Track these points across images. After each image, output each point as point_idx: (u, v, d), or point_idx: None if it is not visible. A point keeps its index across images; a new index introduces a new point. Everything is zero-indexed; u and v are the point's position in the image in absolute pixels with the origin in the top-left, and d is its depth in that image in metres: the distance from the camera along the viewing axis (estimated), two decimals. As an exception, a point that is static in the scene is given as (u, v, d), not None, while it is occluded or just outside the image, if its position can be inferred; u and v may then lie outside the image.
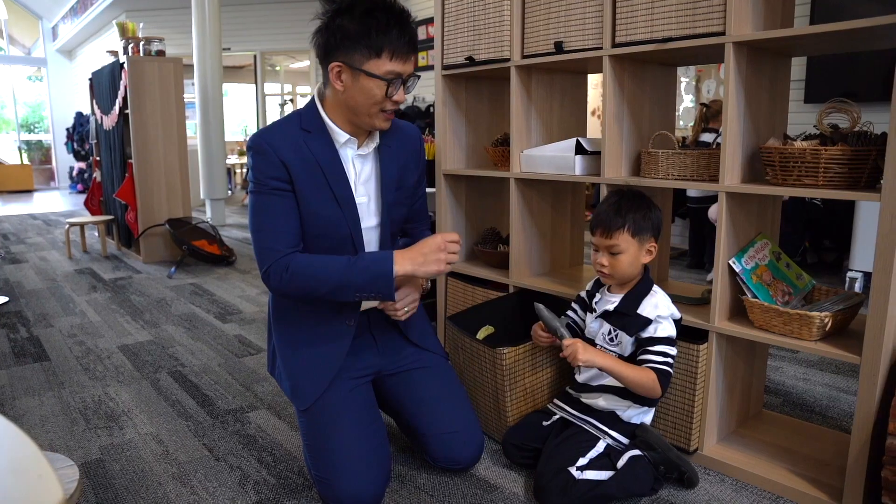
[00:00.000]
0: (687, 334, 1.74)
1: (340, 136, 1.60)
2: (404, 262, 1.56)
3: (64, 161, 11.61)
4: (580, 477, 1.54)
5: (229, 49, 8.63)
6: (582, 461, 1.57)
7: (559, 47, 1.96)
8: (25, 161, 10.97)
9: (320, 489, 1.60)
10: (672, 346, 1.60)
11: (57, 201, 9.77)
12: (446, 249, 1.58)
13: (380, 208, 1.70)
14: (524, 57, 2.09)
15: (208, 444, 1.99)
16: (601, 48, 1.85)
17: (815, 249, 4.45)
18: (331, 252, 1.61)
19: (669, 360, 1.59)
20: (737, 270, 1.69)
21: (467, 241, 2.62)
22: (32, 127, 12.21)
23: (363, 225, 1.66)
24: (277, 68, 10.31)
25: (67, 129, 10.48)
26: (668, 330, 1.60)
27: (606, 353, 1.64)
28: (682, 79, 5.37)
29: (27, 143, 11.65)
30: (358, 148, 1.64)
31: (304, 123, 1.59)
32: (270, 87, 9.76)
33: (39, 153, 11.93)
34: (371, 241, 1.71)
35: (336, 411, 1.64)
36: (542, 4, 2.00)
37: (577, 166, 2.00)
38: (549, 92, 2.27)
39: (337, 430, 1.60)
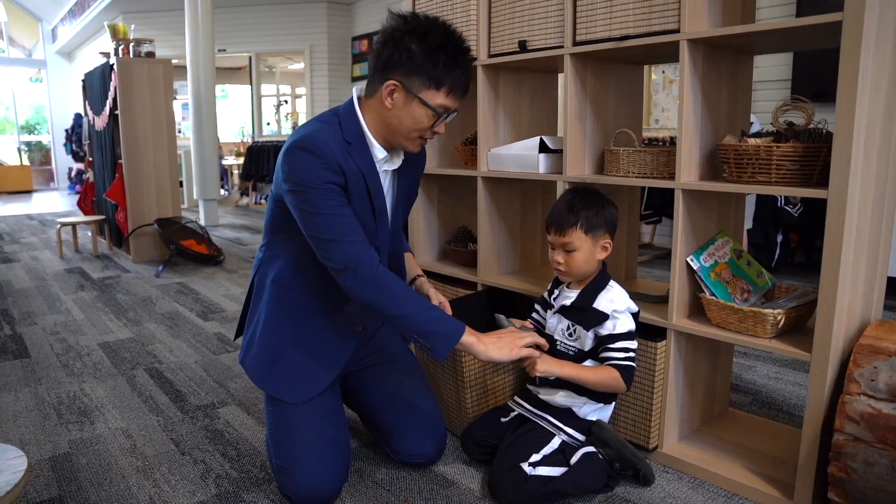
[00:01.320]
0: (645, 332, 1.74)
1: (379, 151, 1.58)
2: (474, 340, 1.53)
3: (63, 162, 11.67)
4: (532, 473, 1.55)
5: (224, 50, 8.68)
6: (535, 457, 1.58)
7: (523, 46, 1.97)
8: (25, 162, 11.03)
9: (279, 479, 1.62)
10: (632, 340, 1.61)
11: (55, 202, 9.82)
12: (520, 353, 1.56)
13: (391, 221, 1.71)
14: (490, 56, 2.10)
15: (175, 439, 2.00)
16: (562, 47, 1.86)
17: (805, 249, 4.45)
18: None
19: (631, 354, 1.60)
20: (694, 268, 1.70)
21: (440, 239, 2.63)
22: (33, 128, 12.29)
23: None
24: (273, 69, 10.35)
25: (66, 130, 10.54)
26: (627, 324, 1.61)
27: (565, 362, 1.62)
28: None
29: (28, 144, 11.72)
30: (385, 164, 1.63)
31: (346, 133, 1.54)
32: (267, 88, 9.79)
33: (40, 154, 12.00)
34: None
35: (310, 404, 1.64)
36: (507, 4, 2.01)
37: (541, 164, 2.01)
38: (518, 91, 2.28)
39: (301, 422, 1.62)
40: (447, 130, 2.53)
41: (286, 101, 10.29)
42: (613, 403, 1.73)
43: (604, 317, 1.61)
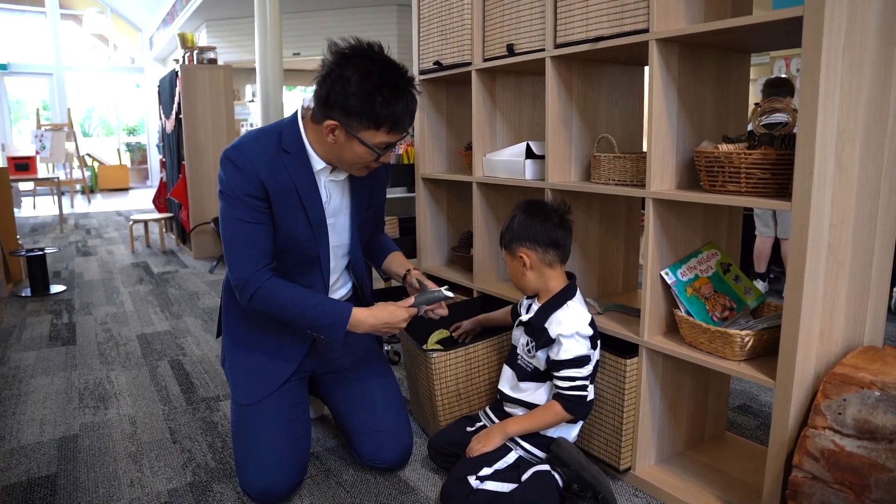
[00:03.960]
0: (617, 346, 1.67)
1: (317, 163, 1.61)
2: (360, 323, 1.61)
3: (157, 161, 12.53)
4: (479, 487, 1.51)
5: (299, 54, 9.02)
6: (486, 471, 1.55)
7: (510, 50, 1.93)
8: (125, 162, 11.93)
9: (238, 473, 1.68)
10: (580, 366, 1.53)
11: (146, 199, 10.56)
12: (404, 322, 1.64)
13: (348, 229, 1.75)
14: (485, 60, 2.07)
15: (172, 428, 2.11)
16: (544, 49, 1.80)
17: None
18: (298, 267, 1.67)
19: (578, 382, 1.53)
20: (669, 282, 1.60)
21: (447, 244, 2.62)
22: (134, 130, 13.26)
23: (333, 244, 1.72)
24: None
25: (158, 132, 11.30)
26: (574, 349, 1.53)
27: (504, 425, 1.61)
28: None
29: (128, 145, 12.66)
30: (331, 174, 1.66)
31: (285, 143, 1.57)
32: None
33: (139, 154, 12.93)
34: (339, 259, 1.76)
35: (265, 404, 1.69)
36: (498, 7, 1.98)
37: (528, 171, 1.96)
38: (518, 95, 2.23)
39: (255, 420, 1.67)
40: (457, 134, 2.53)
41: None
42: (580, 424, 1.66)
43: (551, 340, 1.55)
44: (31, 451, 1.97)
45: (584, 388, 1.54)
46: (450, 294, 1.68)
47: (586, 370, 1.54)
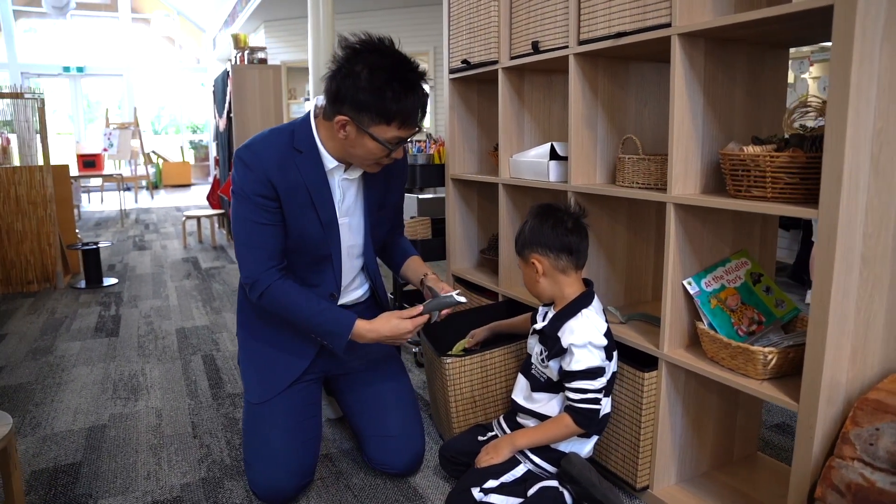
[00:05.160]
0: (636, 358, 1.58)
1: (329, 162, 1.60)
2: (361, 336, 1.60)
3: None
4: (482, 499, 1.46)
5: (354, 55, 9.10)
6: (491, 483, 1.49)
7: (536, 47, 1.87)
8: (188, 159, 12.37)
9: (246, 472, 1.69)
10: (592, 378, 1.46)
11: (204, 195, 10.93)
12: (408, 334, 1.60)
13: (363, 230, 1.73)
14: (512, 58, 2.01)
15: (195, 422, 2.15)
16: (567, 47, 1.73)
17: None
18: (310, 266, 1.67)
19: (590, 395, 1.46)
20: (691, 292, 1.51)
21: (477, 247, 2.57)
22: (199, 128, 13.73)
23: (347, 244, 1.70)
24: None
25: (213, 130, 11.68)
26: (586, 360, 1.46)
27: (514, 435, 1.56)
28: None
29: (192, 142, 13.12)
30: (344, 172, 1.65)
31: (297, 142, 1.57)
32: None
33: (202, 151, 13.39)
34: (353, 260, 1.74)
35: (276, 403, 1.69)
36: (525, 4, 1.91)
37: (552, 172, 1.89)
38: (548, 94, 2.16)
39: (263, 419, 1.67)
40: (488, 134, 2.48)
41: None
42: (594, 438, 1.58)
43: (563, 350, 1.48)
44: (62, 439, 2.03)
45: (596, 401, 1.46)
46: (462, 299, 1.63)
47: (599, 382, 1.46)
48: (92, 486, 1.76)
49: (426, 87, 1.50)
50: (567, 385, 1.48)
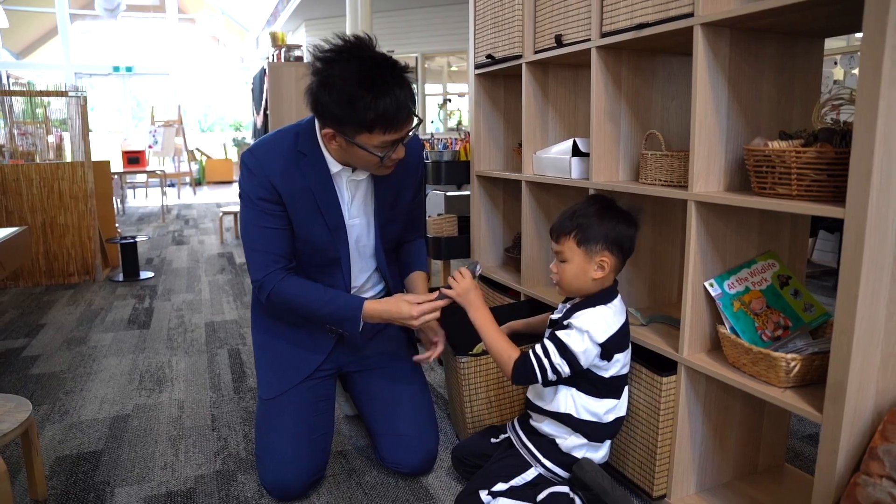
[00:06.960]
0: (654, 362, 1.52)
1: (334, 166, 1.58)
2: (370, 314, 1.59)
3: (260, 156, 13.13)
4: (489, 502, 1.43)
5: (393, 51, 9.13)
6: (501, 486, 1.46)
7: (559, 40, 1.82)
8: (230, 156, 12.62)
9: (257, 467, 1.69)
10: (563, 354, 1.40)
11: (248, 192, 11.13)
12: (412, 319, 1.56)
13: (374, 229, 1.71)
14: (536, 52, 1.97)
15: (215, 415, 2.17)
16: (590, 40, 1.68)
17: None
18: (319, 269, 1.66)
19: (548, 360, 1.41)
20: (713, 294, 1.44)
21: (502, 245, 2.53)
22: (242, 125, 14.01)
23: (358, 245, 1.69)
24: (454, 68, 10.59)
25: (251, 127, 11.89)
26: (575, 342, 1.40)
27: (481, 307, 1.53)
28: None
29: (235, 140, 13.40)
30: (352, 174, 1.62)
31: (301, 145, 1.55)
32: (431, 88, 10.15)
33: (244, 148, 13.67)
34: (365, 260, 1.73)
35: (287, 399, 1.69)
36: (547, -5, 1.87)
37: (574, 169, 1.84)
38: (574, 89, 2.11)
39: (274, 415, 1.67)
40: (515, 130, 2.43)
41: (450, 100, 10.57)
42: (608, 443, 1.53)
43: (565, 326, 1.44)
44: (87, 427, 2.08)
45: (545, 370, 1.41)
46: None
47: (563, 363, 1.40)
48: (111, 474, 1.79)
49: (405, 83, 1.43)
50: (543, 338, 1.44)
